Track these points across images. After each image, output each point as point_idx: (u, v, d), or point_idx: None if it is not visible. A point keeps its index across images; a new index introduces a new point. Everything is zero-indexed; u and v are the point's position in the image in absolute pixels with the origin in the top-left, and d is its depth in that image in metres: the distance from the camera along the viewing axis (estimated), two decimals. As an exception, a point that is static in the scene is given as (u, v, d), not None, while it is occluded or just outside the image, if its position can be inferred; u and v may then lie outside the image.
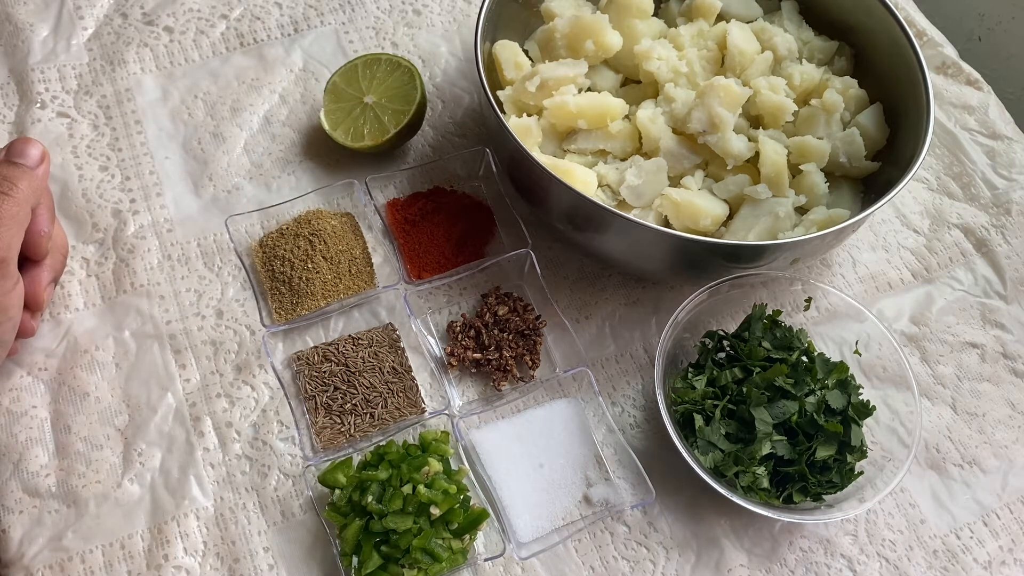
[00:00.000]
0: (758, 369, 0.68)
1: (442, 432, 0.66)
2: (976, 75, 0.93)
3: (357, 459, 0.65)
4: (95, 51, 0.85)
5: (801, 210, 0.75)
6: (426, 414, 0.69)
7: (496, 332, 0.72)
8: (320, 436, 0.67)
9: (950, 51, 0.95)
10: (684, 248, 0.68)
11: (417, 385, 0.70)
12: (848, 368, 0.69)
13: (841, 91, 0.78)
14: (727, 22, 0.80)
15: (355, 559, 0.61)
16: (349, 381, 0.69)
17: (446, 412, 0.69)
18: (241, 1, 0.90)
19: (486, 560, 0.64)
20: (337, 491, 0.63)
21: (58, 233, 0.68)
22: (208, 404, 0.69)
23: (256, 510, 0.66)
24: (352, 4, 0.91)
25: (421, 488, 0.61)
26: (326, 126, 0.78)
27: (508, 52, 0.78)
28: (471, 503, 0.64)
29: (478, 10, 0.74)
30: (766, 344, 0.69)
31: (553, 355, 0.73)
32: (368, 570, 0.60)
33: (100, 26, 0.87)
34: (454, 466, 0.65)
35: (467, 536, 0.62)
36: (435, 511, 0.61)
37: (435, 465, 0.63)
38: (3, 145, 0.79)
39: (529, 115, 0.76)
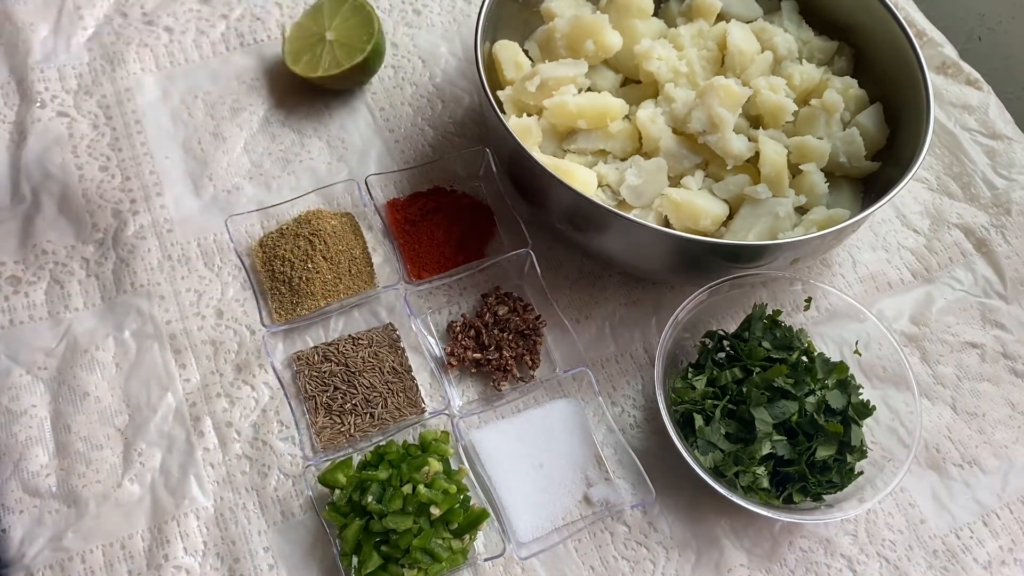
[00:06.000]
0: (758, 369, 0.68)
1: (442, 432, 0.66)
2: (976, 75, 0.93)
3: (357, 459, 0.65)
4: (95, 51, 0.85)
5: (801, 210, 0.75)
6: (426, 414, 0.69)
7: (496, 332, 0.72)
8: (320, 436, 0.67)
9: (950, 51, 0.95)
10: (684, 248, 0.68)
11: (417, 385, 0.70)
12: (848, 368, 0.69)
13: (841, 91, 0.78)
14: (727, 22, 0.80)
15: (355, 559, 0.61)
16: (349, 381, 0.69)
17: (446, 412, 0.69)
18: (241, 1, 0.90)
19: (486, 560, 0.64)
20: (337, 491, 0.63)
21: None
22: (208, 404, 0.69)
23: (256, 510, 0.66)
24: (352, 4, 0.91)
25: (421, 488, 0.61)
26: (287, 60, 0.82)
27: (508, 52, 0.78)
28: (471, 503, 0.64)
29: (478, 10, 0.74)
30: (766, 344, 0.69)
31: (553, 355, 0.73)
32: (368, 570, 0.60)
33: (100, 26, 0.87)
34: (454, 466, 0.65)
35: (467, 536, 0.62)
36: (435, 511, 0.61)
37: (435, 465, 0.63)
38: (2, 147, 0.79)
39: (529, 115, 0.76)
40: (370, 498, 0.61)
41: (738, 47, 0.77)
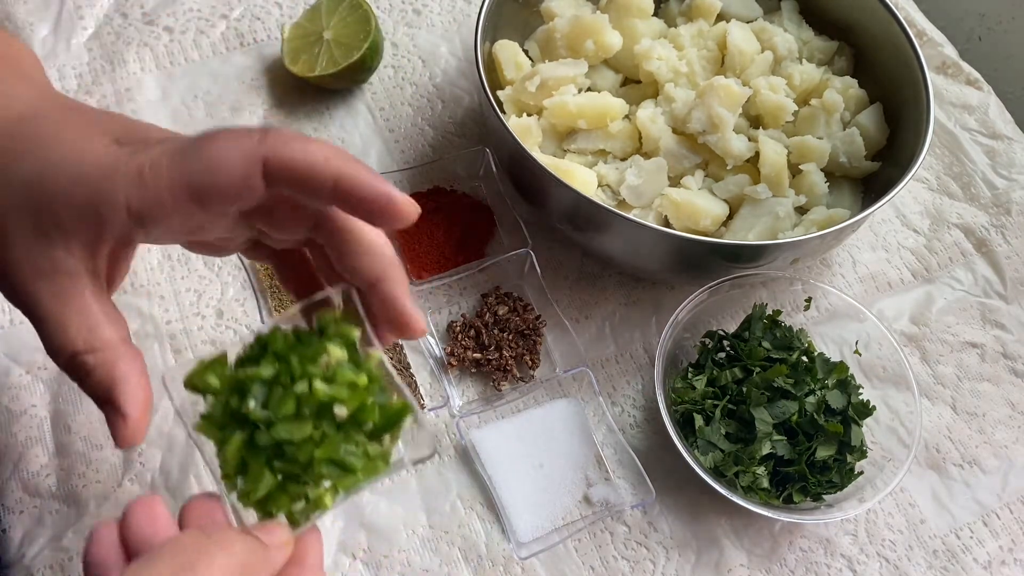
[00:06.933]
0: (758, 369, 0.68)
1: (344, 311, 0.49)
2: (976, 75, 0.93)
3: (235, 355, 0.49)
4: (95, 51, 0.85)
5: (801, 210, 0.75)
6: (425, 409, 0.69)
7: (496, 332, 0.72)
8: (320, 436, 0.67)
9: (950, 51, 0.95)
10: (684, 248, 0.68)
11: (416, 382, 0.70)
12: (848, 368, 0.69)
13: (841, 91, 0.78)
14: (727, 22, 0.80)
15: (240, 481, 0.46)
16: (349, 381, 0.69)
17: (445, 407, 0.69)
18: (241, 1, 0.90)
19: (415, 463, 0.48)
20: (210, 397, 0.47)
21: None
22: (208, 404, 0.69)
23: (256, 510, 0.65)
24: (352, 4, 0.91)
25: (319, 384, 0.45)
26: (286, 60, 0.82)
27: (508, 52, 0.78)
28: (390, 396, 0.47)
29: (478, 10, 0.74)
30: (766, 344, 0.69)
31: (553, 355, 0.73)
32: (260, 494, 0.45)
33: (100, 26, 0.87)
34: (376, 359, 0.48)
35: (386, 437, 0.46)
36: (340, 411, 0.45)
37: (336, 352, 0.46)
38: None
39: (529, 115, 0.76)
40: (252, 403, 0.44)
41: (738, 47, 0.77)
